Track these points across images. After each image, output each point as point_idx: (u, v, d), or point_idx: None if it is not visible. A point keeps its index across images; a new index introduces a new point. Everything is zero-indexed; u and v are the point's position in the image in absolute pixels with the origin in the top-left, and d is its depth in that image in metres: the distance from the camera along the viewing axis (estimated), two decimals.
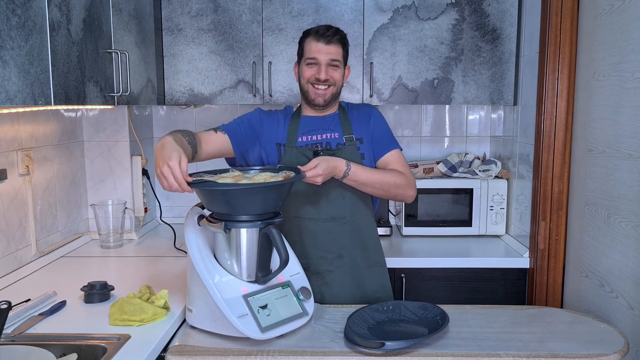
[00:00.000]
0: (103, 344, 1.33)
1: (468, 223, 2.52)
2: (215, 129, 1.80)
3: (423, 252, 2.36)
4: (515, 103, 2.45)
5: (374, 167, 1.84)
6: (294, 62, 1.90)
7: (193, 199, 1.61)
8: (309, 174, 1.57)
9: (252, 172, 1.61)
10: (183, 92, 2.46)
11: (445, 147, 2.85)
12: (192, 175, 1.46)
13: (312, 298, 1.54)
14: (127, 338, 1.36)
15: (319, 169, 1.58)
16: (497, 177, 2.54)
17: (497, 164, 2.55)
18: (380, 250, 1.90)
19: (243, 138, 1.81)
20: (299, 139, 1.82)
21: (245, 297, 1.43)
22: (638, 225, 1.66)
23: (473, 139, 2.84)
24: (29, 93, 1.33)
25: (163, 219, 2.65)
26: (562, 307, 2.16)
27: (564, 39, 2.06)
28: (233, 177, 1.54)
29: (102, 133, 2.43)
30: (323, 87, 1.78)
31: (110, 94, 1.85)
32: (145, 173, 2.55)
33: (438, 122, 2.84)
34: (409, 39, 2.41)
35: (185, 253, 1.52)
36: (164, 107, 2.82)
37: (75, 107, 2.21)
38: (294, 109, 1.91)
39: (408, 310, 1.59)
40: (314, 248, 1.80)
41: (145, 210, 2.57)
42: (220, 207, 1.46)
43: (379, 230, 2.30)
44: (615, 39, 1.77)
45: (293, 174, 1.53)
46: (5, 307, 1.27)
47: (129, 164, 2.46)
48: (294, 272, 1.58)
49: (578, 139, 2.05)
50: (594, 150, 1.92)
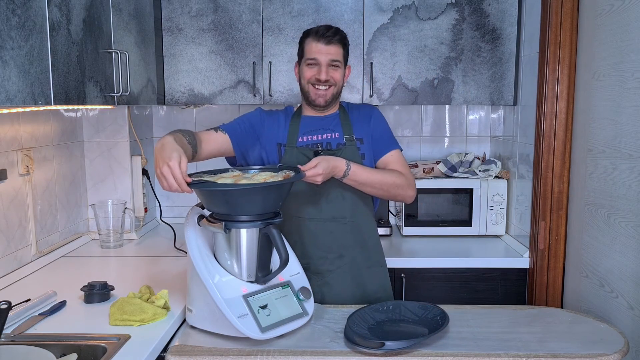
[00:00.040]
0: (103, 344, 1.33)
1: (468, 223, 2.52)
2: (216, 129, 1.80)
3: (423, 252, 2.36)
4: (515, 103, 2.45)
5: (374, 167, 1.84)
6: (294, 62, 1.90)
7: (193, 199, 1.61)
8: (309, 174, 1.57)
9: (251, 172, 1.61)
10: (183, 92, 2.46)
11: (445, 147, 2.85)
12: (191, 176, 1.46)
13: (312, 298, 1.54)
14: (127, 338, 1.36)
15: (319, 169, 1.58)
16: (497, 177, 2.54)
17: (497, 164, 2.55)
18: (381, 250, 1.90)
19: (243, 138, 1.81)
20: (300, 139, 1.82)
21: (245, 297, 1.43)
22: (638, 225, 1.66)
23: (473, 139, 2.84)
24: (29, 93, 1.33)
25: (163, 219, 2.65)
26: (562, 307, 2.16)
27: (564, 39, 2.06)
28: (233, 177, 1.53)
29: (102, 133, 2.43)
30: (323, 87, 1.78)
31: (110, 94, 1.85)
32: (145, 173, 2.55)
33: (438, 122, 2.84)
34: (409, 39, 2.41)
35: (185, 253, 1.52)
36: (164, 107, 2.82)
37: (75, 107, 2.21)
38: (295, 109, 1.91)
39: (408, 310, 1.59)
40: (315, 248, 1.80)
41: (145, 210, 2.57)
42: (220, 207, 1.46)
43: (379, 230, 2.30)
44: (616, 39, 1.77)
45: (293, 174, 1.53)
46: (5, 307, 1.27)
47: (129, 164, 2.46)
48: (294, 272, 1.58)
49: (578, 139, 2.05)
50: (594, 150, 1.91)
